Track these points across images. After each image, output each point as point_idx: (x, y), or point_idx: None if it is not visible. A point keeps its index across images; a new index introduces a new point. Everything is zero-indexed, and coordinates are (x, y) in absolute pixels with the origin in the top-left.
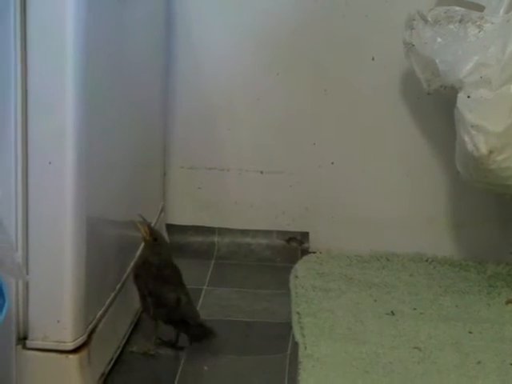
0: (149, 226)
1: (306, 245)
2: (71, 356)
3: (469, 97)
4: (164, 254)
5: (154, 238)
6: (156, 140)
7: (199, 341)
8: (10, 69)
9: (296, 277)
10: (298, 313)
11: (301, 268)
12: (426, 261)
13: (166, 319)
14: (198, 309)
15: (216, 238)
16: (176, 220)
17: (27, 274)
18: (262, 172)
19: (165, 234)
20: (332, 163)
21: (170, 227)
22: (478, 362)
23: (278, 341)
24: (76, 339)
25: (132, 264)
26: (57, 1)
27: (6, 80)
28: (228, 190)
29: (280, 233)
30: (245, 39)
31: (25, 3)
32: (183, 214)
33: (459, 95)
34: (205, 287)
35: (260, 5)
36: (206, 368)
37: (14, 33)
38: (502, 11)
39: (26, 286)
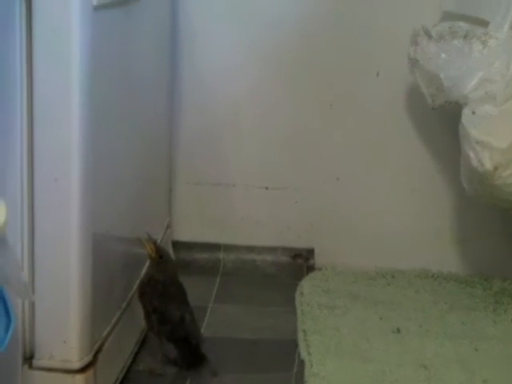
0: (154, 243)
1: (311, 261)
2: (77, 376)
3: (474, 112)
4: (169, 272)
5: (159, 256)
6: (162, 156)
7: (192, 366)
8: (16, 85)
9: (302, 294)
10: (303, 330)
11: (306, 285)
12: (432, 277)
13: (170, 337)
14: (203, 326)
15: (221, 255)
16: (182, 236)
17: (33, 293)
18: (267, 188)
19: (171, 251)
20: (337, 179)
21: (176, 244)
22: (484, 380)
23: (283, 359)
24: (82, 359)
25: (138, 282)
26: (62, 16)
27: (12, 96)
28: (233, 206)
29: (286, 249)
30: (250, 54)
31: (30, 17)
32: (189, 230)
33: (464, 111)
34: (210, 304)
35: (265, 20)
36: None
37: (19, 48)
38: (506, 27)
39: (32, 305)
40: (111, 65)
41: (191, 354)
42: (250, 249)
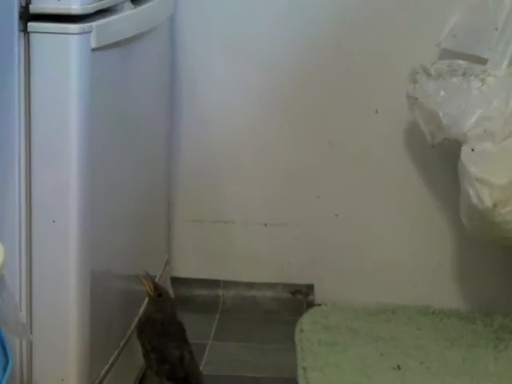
0: (153, 281)
1: (311, 297)
2: None
3: (473, 150)
4: (168, 310)
5: (158, 294)
6: (160, 193)
7: None
8: (15, 126)
9: (301, 330)
10: (303, 368)
11: (306, 321)
12: (433, 313)
13: (169, 376)
14: (202, 364)
15: (221, 291)
16: (181, 273)
17: (31, 333)
18: (266, 224)
19: (169, 288)
20: (336, 215)
21: (175, 280)
22: None
23: None
24: None
25: (136, 320)
26: (61, 57)
27: (10, 137)
28: (233, 243)
29: (286, 285)
30: (249, 93)
31: (29, 58)
32: (188, 266)
33: (463, 148)
34: (210, 341)
35: (264, 58)
36: None
37: (18, 88)
38: (504, 64)
39: (30, 344)
40: (110, 105)
41: None
42: (250, 285)
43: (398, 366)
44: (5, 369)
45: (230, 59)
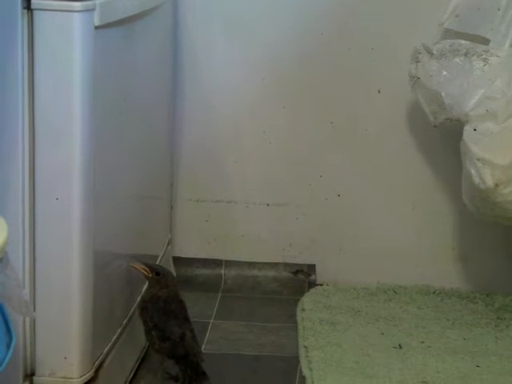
0: (145, 263)
1: (312, 277)
2: None
3: (475, 130)
4: (170, 288)
5: (156, 273)
6: (163, 173)
7: (192, 383)
8: (18, 104)
9: (303, 310)
10: (305, 346)
11: (308, 301)
12: (434, 293)
13: (170, 354)
14: (204, 342)
15: (223, 271)
16: (183, 253)
17: (34, 310)
18: (268, 204)
19: (171, 267)
20: (338, 195)
21: (177, 260)
22: None
23: (285, 375)
24: (83, 375)
25: (138, 299)
26: (64, 35)
27: (14, 115)
28: (235, 223)
29: (287, 265)
30: (251, 73)
31: (32, 37)
32: (190, 246)
33: (465, 128)
34: (211, 320)
35: (266, 39)
36: None
37: (21, 67)
38: (507, 44)
39: (33, 322)
40: (113, 83)
41: (191, 371)
42: (252, 265)
43: (399, 345)
44: (8, 346)
45: (231, 39)
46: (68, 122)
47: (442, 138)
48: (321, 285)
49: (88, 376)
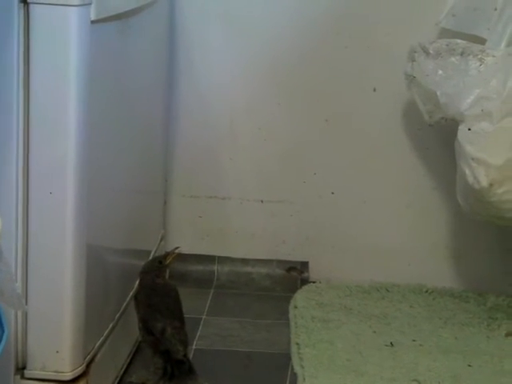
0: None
1: (305, 274)
2: None
3: (470, 129)
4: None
5: (159, 261)
6: (157, 168)
7: (177, 379)
8: (13, 98)
9: (295, 307)
10: (297, 343)
11: (300, 298)
12: (426, 292)
13: (154, 348)
14: (196, 338)
15: (216, 267)
16: None
17: (26, 304)
18: (262, 201)
19: None
20: (332, 193)
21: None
22: None
23: (277, 372)
24: (74, 369)
25: (131, 293)
26: (60, 30)
27: (9, 109)
28: (228, 219)
29: (280, 262)
30: (247, 69)
31: (28, 32)
32: (183, 242)
33: (460, 128)
34: (204, 316)
35: (262, 36)
36: None
37: (17, 61)
38: (503, 44)
39: (25, 315)
40: (108, 78)
41: (174, 367)
42: (245, 261)
43: (391, 344)
44: (0, 339)
45: (228, 35)
46: (63, 117)
47: (437, 137)
48: (314, 282)
49: (80, 370)
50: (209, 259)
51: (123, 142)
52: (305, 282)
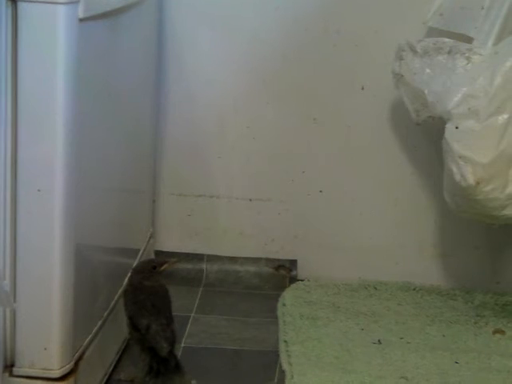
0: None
1: (294, 272)
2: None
3: (457, 128)
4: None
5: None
6: (146, 167)
7: (164, 376)
8: (1, 95)
9: (284, 305)
10: (285, 341)
11: (289, 296)
12: (414, 289)
13: (140, 345)
14: (185, 336)
15: (204, 265)
16: (165, 247)
17: (15, 301)
18: (250, 199)
19: None
20: (320, 191)
21: (159, 253)
22: None
23: (265, 369)
24: (63, 367)
25: (120, 291)
26: (48, 27)
27: None
28: (217, 218)
29: (269, 260)
30: (236, 68)
31: (16, 29)
32: (172, 240)
33: (447, 126)
34: (192, 314)
35: (251, 34)
36: None
37: (4, 58)
38: (490, 43)
39: (14, 313)
40: (97, 76)
41: (159, 364)
42: (233, 260)
43: (379, 341)
44: None
45: (217, 34)
46: (51, 114)
47: (425, 135)
48: (302, 280)
49: (68, 367)
50: (197, 257)
51: (112, 139)
52: (293, 280)
